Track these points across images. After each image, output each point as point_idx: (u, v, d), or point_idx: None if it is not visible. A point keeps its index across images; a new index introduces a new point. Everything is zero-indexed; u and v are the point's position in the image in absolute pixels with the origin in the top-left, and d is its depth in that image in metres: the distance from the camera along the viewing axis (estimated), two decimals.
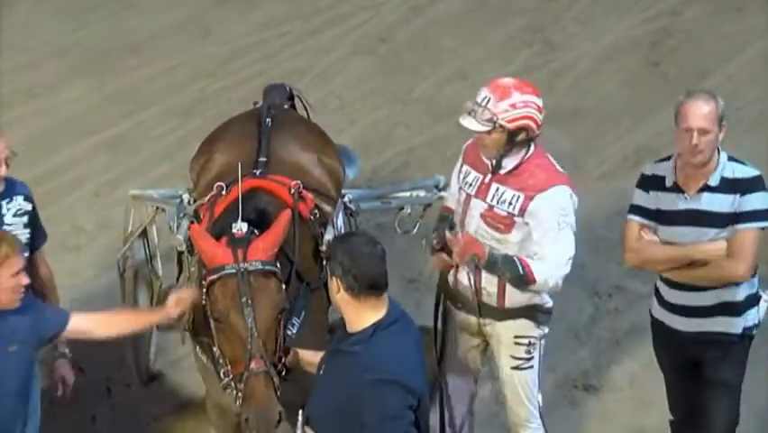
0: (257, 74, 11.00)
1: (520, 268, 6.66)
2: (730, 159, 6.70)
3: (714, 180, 6.63)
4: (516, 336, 6.96)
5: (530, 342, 6.98)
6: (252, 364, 6.03)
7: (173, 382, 8.49)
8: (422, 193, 8.12)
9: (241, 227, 6.26)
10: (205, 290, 6.21)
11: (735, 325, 6.75)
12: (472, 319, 7.00)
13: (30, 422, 6.15)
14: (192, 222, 7.12)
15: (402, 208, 8.15)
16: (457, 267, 6.92)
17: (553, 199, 6.72)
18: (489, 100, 6.67)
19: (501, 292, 6.86)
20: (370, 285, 5.58)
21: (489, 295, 6.88)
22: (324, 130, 8.01)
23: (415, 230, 8.12)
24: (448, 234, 6.79)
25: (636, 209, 6.90)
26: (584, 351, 8.60)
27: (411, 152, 10.66)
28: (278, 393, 6.07)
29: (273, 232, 6.23)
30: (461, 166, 7.01)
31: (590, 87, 11.66)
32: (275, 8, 12.81)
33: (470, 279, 6.85)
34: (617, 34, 12.41)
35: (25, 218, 6.54)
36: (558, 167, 6.87)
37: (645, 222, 6.85)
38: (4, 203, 6.50)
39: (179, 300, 6.31)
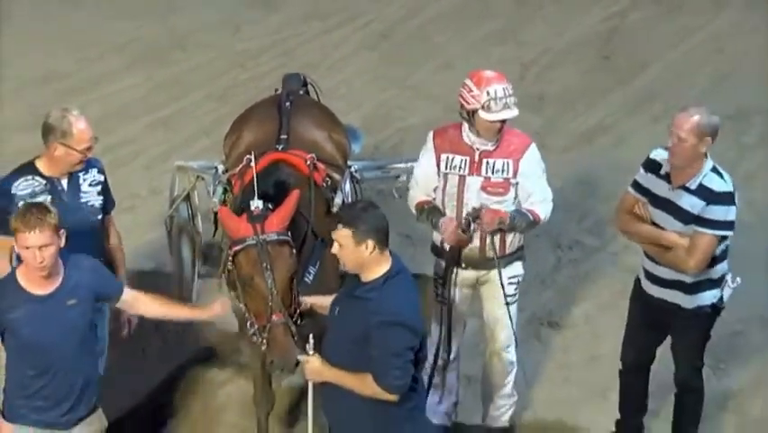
0: (279, 66, 10.88)
1: (530, 216, 6.80)
2: (713, 170, 6.56)
3: (693, 184, 6.52)
4: (510, 277, 7.02)
5: (518, 280, 7.10)
6: (274, 317, 6.06)
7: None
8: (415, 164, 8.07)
9: (257, 205, 6.24)
10: (231, 258, 6.21)
11: (689, 301, 6.72)
12: (472, 274, 7.03)
13: (94, 366, 6.11)
14: (225, 189, 7.18)
15: (399, 177, 8.11)
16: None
17: (533, 156, 6.87)
18: (509, 88, 6.68)
19: (502, 243, 6.92)
20: (387, 239, 5.70)
21: (493, 248, 6.91)
22: (335, 112, 7.96)
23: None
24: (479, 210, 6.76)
25: (635, 184, 6.82)
26: (548, 294, 8.56)
27: (407, 130, 10.60)
28: (295, 339, 6.06)
29: (285, 208, 6.22)
30: (439, 155, 6.91)
31: (554, 76, 11.58)
32: (294, 11, 12.74)
33: (488, 240, 6.88)
34: (575, 32, 12.36)
35: (98, 187, 6.58)
36: (519, 130, 6.97)
37: (639, 197, 6.77)
38: (81, 174, 6.52)
39: (224, 304, 6.33)
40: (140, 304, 6.25)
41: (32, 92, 11.26)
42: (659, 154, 6.73)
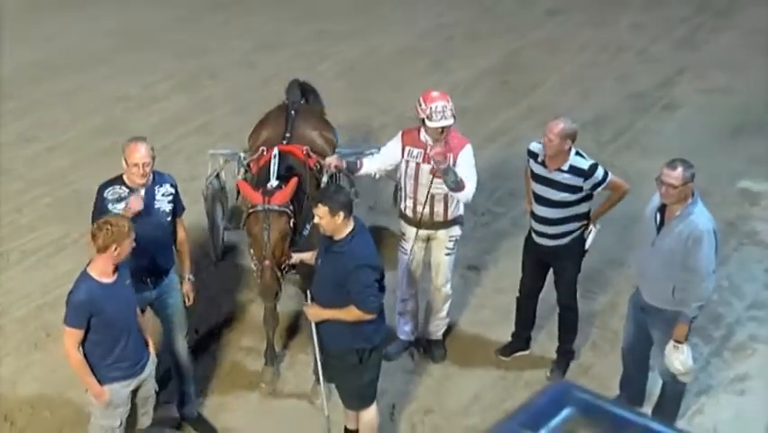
0: (281, 89, 10.75)
1: (459, 177, 6.64)
2: (576, 153, 6.59)
3: (565, 167, 6.56)
4: (450, 236, 6.98)
5: (456, 239, 7.05)
6: (266, 262, 6.17)
7: (235, 260, 8.40)
8: (375, 152, 7.93)
9: (272, 183, 6.34)
10: (246, 217, 6.38)
11: (571, 243, 6.79)
12: (424, 233, 7.00)
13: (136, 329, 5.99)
14: (246, 169, 7.23)
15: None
16: (415, 204, 6.89)
17: (467, 152, 6.77)
18: (448, 104, 6.64)
19: (445, 211, 6.85)
20: (351, 210, 5.77)
21: (438, 215, 6.87)
22: None
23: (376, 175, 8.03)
24: (436, 148, 6.66)
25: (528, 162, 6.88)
26: (468, 246, 8.37)
27: (369, 132, 10.49)
28: (280, 281, 6.24)
29: (286, 189, 6.33)
30: (404, 147, 6.85)
31: (469, 95, 11.42)
32: (290, 52, 12.60)
33: (431, 209, 6.86)
34: (484, 64, 12.26)
35: (170, 197, 6.37)
36: (461, 134, 6.90)
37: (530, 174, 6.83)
38: (156, 188, 6.32)
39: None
40: None
41: (108, 108, 11.15)
42: (535, 147, 6.77)
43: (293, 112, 7.56)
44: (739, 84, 11.50)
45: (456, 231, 7.04)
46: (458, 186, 6.69)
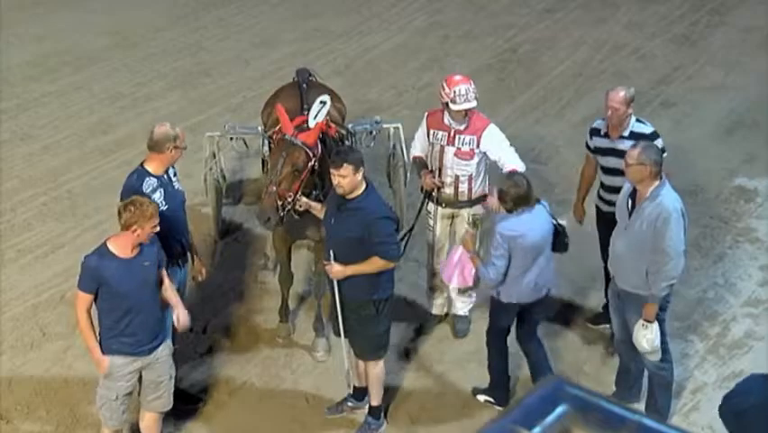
0: (276, 87, 10.78)
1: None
2: (637, 120, 6.90)
3: (626, 132, 6.84)
4: (473, 214, 7.20)
5: (480, 217, 7.26)
6: (272, 187, 6.53)
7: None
8: (368, 126, 8.49)
9: (309, 124, 6.75)
10: (276, 141, 6.89)
11: None
12: (448, 211, 7.26)
13: (160, 309, 6.10)
14: (268, 141, 7.45)
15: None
16: (442, 185, 7.16)
17: (491, 132, 7.06)
18: (471, 86, 6.88)
19: (470, 191, 7.11)
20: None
21: (463, 195, 7.12)
22: None
23: (372, 144, 8.47)
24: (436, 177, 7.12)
25: (587, 147, 7.16)
26: None
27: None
28: (278, 209, 6.52)
29: (314, 130, 6.76)
30: (428, 131, 7.12)
31: None
32: (286, 50, 12.55)
33: (455, 189, 7.13)
34: (480, 62, 12.22)
35: (177, 176, 6.65)
36: (484, 115, 7.13)
37: (591, 155, 7.11)
38: (171, 169, 6.51)
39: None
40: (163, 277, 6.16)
41: (103, 107, 11.15)
42: (597, 124, 7.08)
43: (304, 85, 7.82)
44: (734, 81, 11.53)
45: (479, 209, 7.27)
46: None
